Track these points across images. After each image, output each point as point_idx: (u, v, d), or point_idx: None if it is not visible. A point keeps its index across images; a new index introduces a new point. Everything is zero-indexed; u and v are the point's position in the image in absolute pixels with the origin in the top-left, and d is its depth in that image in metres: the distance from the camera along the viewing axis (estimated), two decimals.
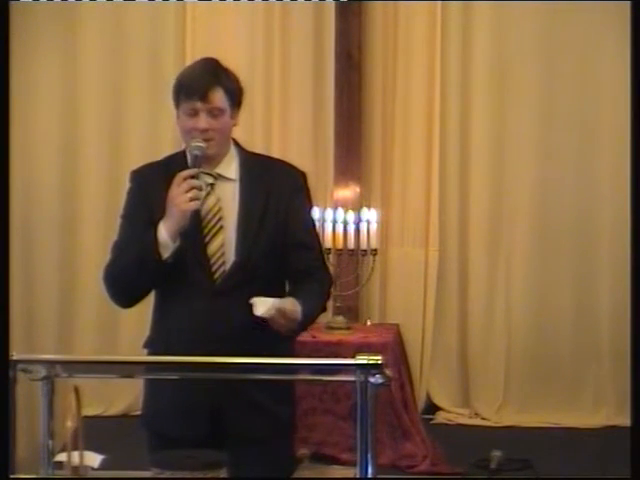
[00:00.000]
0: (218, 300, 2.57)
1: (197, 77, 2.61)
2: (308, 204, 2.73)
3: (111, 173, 5.66)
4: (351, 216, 5.27)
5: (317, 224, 5.06)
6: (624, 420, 5.11)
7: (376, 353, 2.01)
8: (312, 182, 6.01)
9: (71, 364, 2.20)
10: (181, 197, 2.52)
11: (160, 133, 5.64)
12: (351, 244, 5.26)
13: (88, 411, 2.11)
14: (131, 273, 2.59)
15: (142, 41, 5.64)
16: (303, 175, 2.75)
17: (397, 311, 5.61)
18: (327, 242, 5.16)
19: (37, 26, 5.53)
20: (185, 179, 2.53)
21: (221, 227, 2.61)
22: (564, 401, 5.55)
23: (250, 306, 2.46)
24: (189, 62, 5.48)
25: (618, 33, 5.10)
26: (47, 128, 5.64)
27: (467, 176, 5.65)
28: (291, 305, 2.47)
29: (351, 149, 5.51)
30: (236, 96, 2.64)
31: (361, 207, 5.37)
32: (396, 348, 5.07)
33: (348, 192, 5.49)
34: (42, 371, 2.04)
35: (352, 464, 2.05)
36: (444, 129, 5.59)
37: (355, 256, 5.28)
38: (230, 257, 2.59)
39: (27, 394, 2.09)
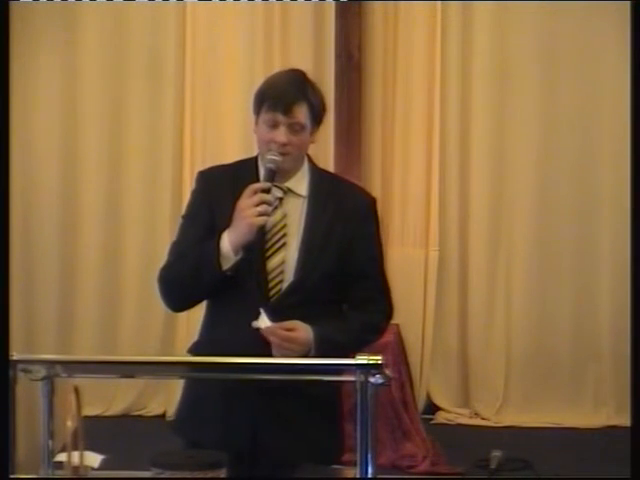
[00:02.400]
0: (270, 318, 2.46)
1: (283, 89, 2.52)
2: (377, 232, 2.64)
3: (111, 174, 5.66)
4: None
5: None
6: (624, 420, 5.11)
7: (376, 353, 2.00)
8: None
9: (71, 364, 2.20)
10: (250, 210, 2.42)
11: (160, 134, 5.64)
12: None
13: (88, 411, 2.10)
14: (187, 279, 2.52)
15: (142, 42, 5.63)
16: (374, 201, 2.66)
17: (397, 311, 5.57)
18: None
19: (37, 26, 5.53)
20: (256, 192, 2.45)
21: (284, 244, 2.53)
22: (564, 401, 5.55)
23: None
24: (189, 62, 5.60)
25: (618, 33, 5.10)
26: (47, 129, 5.64)
27: (467, 176, 5.65)
28: (289, 329, 2.42)
29: (351, 149, 5.50)
30: (319, 113, 2.59)
31: None
32: (396, 348, 5.07)
33: None
34: (42, 371, 2.04)
35: (352, 464, 2.04)
36: (444, 129, 5.59)
37: None
38: (289, 276, 2.51)
39: (27, 394, 2.09)
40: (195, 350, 2.61)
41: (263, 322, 2.42)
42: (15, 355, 2.03)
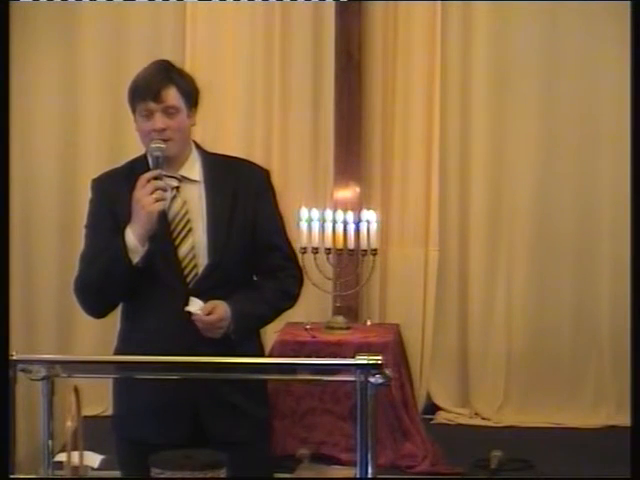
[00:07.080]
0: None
1: (149, 78, 2.64)
2: (274, 202, 2.73)
3: None
4: (351, 216, 5.27)
5: (317, 224, 5.11)
6: (624, 420, 5.11)
7: (376, 353, 2.01)
8: (312, 182, 6.05)
9: (71, 364, 2.20)
10: (146, 199, 2.51)
11: None
12: (351, 244, 5.26)
13: (88, 411, 2.10)
14: (102, 281, 2.57)
15: (142, 41, 5.63)
16: (267, 173, 2.75)
17: (397, 311, 5.60)
18: (327, 242, 5.16)
19: (37, 26, 5.53)
20: (148, 181, 2.53)
21: (190, 230, 2.61)
22: (564, 401, 5.55)
23: None
24: (189, 62, 5.58)
25: (618, 34, 5.10)
26: (47, 128, 5.64)
27: (467, 176, 5.65)
28: (209, 312, 2.51)
29: (351, 149, 5.50)
30: (191, 95, 2.65)
31: (361, 208, 5.37)
32: (396, 348, 5.07)
33: (348, 192, 5.48)
34: (42, 371, 2.04)
35: (352, 464, 2.05)
36: (444, 129, 5.59)
37: (355, 256, 5.27)
38: (201, 260, 2.59)
39: (27, 394, 2.09)
40: (124, 351, 2.67)
41: (193, 306, 2.51)
42: (15, 355, 2.03)
